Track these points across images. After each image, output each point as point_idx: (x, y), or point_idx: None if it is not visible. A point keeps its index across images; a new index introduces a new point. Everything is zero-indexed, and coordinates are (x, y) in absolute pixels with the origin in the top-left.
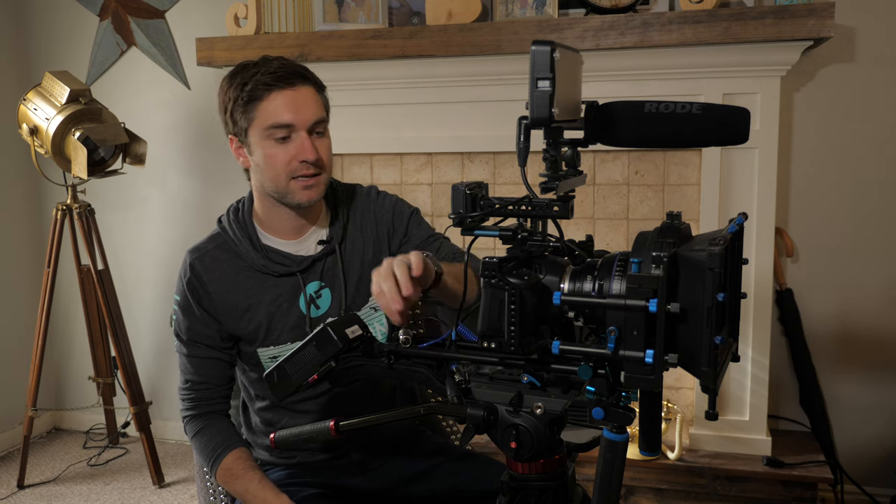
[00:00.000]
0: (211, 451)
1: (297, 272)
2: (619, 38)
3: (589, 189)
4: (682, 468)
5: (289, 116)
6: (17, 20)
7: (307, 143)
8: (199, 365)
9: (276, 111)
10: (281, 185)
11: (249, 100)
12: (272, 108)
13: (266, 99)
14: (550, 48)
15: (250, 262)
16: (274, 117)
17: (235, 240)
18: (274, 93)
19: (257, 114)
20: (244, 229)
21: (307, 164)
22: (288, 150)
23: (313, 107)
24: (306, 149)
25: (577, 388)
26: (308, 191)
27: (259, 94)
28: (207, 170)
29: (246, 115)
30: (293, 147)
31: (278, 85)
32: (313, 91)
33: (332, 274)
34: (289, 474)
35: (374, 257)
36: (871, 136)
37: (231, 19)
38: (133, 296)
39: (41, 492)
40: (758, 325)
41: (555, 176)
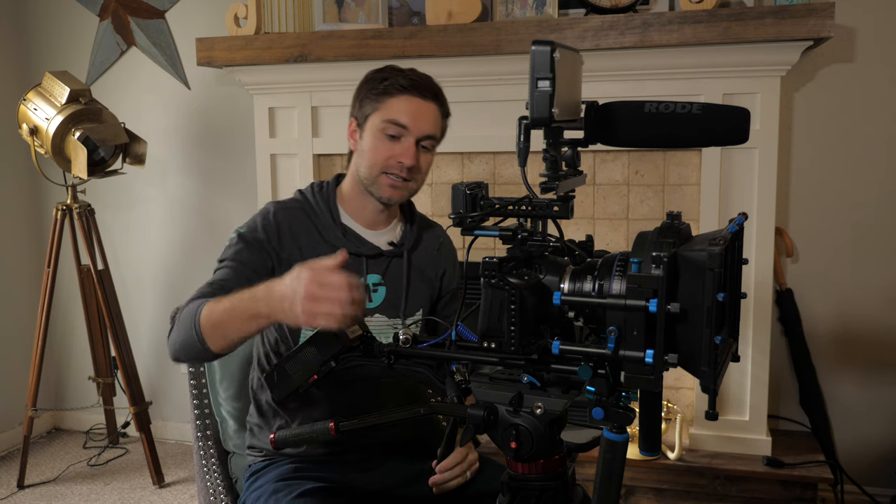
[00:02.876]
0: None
1: (365, 256)
2: (619, 38)
3: (589, 189)
4: (682, 468)
5: (406, 119)
6: (17, 20)
7: (411, 149)
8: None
9: (399, 111)
10: (373, 174)
11: (383, 92)
12: (397, 107)
13: (395, 97)
14: (550, 48)
15: (326, 233)
16: (394, 114)
17: (317, 209)
18: (405, 95)
19: (383, 107)
20: (327, 204)
21: (402, 166)
22: (393, 148)
23: (430, 122)
24: (408, 153)
25: (577, 388)
26: (393, 189)
27: (392, 92)
28: (207, 170)
29: (373, 104)
30: (398, 147)
31: (411, 91)
32: (438, 111)
33: (394, 276)
34: (294, 468)
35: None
36: (871, 136)
37: (231, 19)
38: (133, 296)
39: (41, 492)
40: (758, 325)
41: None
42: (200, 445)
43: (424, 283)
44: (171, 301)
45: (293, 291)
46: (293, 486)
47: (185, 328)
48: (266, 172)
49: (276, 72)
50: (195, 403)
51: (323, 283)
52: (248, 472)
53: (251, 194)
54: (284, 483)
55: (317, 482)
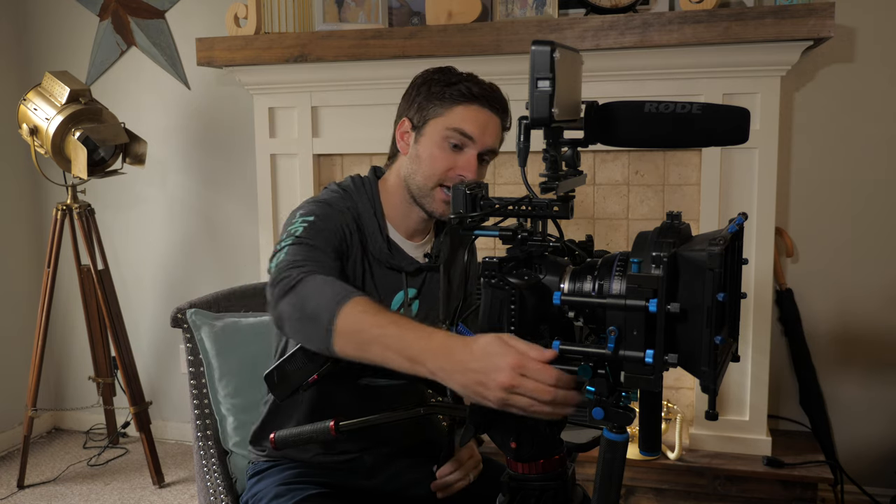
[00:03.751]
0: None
1: (405, 272)
2: (619, 38)
3: (589, 189)
4: (682, 468)
5: (474, 130)
6: (17, 20)
7: (473, 162)
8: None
9: (467, 120)
10: (429, 186)
11: (450, 98)
12: (466, 116)
13: (464, 105)
14: (550, 48)
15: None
16: (462, 124)
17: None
18: (476, 104)
19: (449, 113)
20: (374, 209)
21: (462, 179)
22: (454, 158)
23: (495, 135)
24: (470, 167)
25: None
26: (445, 206)
27: (460, 99)
28: (207, 170)
29: (438, 108)
30: (460, 159)
31: (482, 101)
32: (500, 125)
33: (429, 290)
34: (297, 473)
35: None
36: (870, 136)
37: (231, 19)
38: (133, 296)
39: (41, 492)
40: (758, 325)
41: (555, 176)
42: (200, 445)
43: (455, 295)
44: (171, 301)
45: (485, 371)
46: (296, 492)
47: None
48: (266, 172)
49: (276, 72)
50: (195, 403)
51: (530, 372)
52: (250, 469)
53: (251, 194)
54: (287, 487)
55: (319, 487)
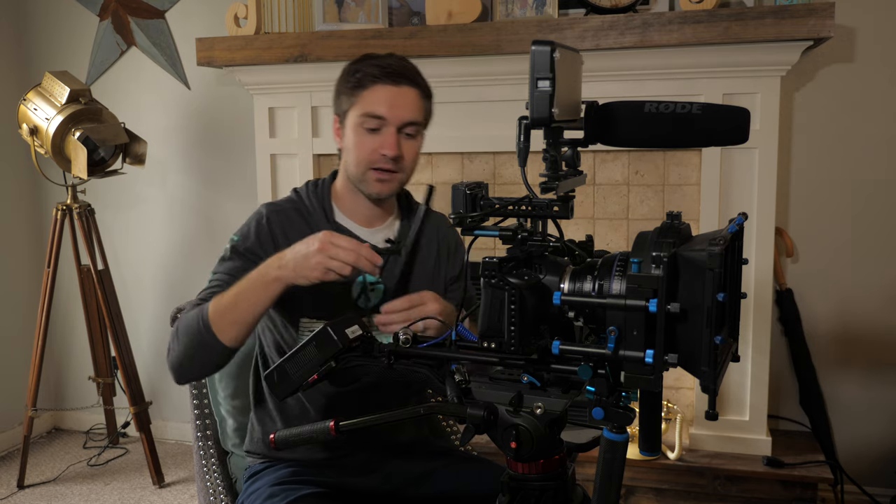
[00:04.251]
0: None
1: None
2: (619, 38)
3: (589, 189)
4: (682, 468)
5: (383, 110)
6: (17, 20)
7: (392, 138)
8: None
9: (374, 102)
10: (360, 171)
11: (356, 86)
12: (371, 99)
13: (369, 89)
14: (550, 48)
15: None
16: (370, 107)
17: (311, 208)
18: (378, 85)
19: (358, 100)
20: (321, 202)
21: (386, 158)
22: (374, 140)
23: (409, 108)
24: (389, 144)
25: (577, 388)
26: (381, 184)
27: (365, 83)
28: (207, 170)
29: (349, 98)
30: (380, 139)
31: (383, 79)
32: (416, 94)
33: (391, 274)
34: (292, 472)
35: (433, 274)
36: (870, 136)
37: (231, 19)
38: (133, 296)
39: (41, 492)
40: (758, 325)
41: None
42: (200, 445)
43: (426, 280)
44: (171, 301)
45: (306, 247)
46: (289, 492)
47: (189, 332)
48: (266, 172)
49: (276, 72)
50: (195, 403)
51: (335, 241)
52: (246, 473)
53: (251, 194)
54: (281, 487)
55: (314, 487)
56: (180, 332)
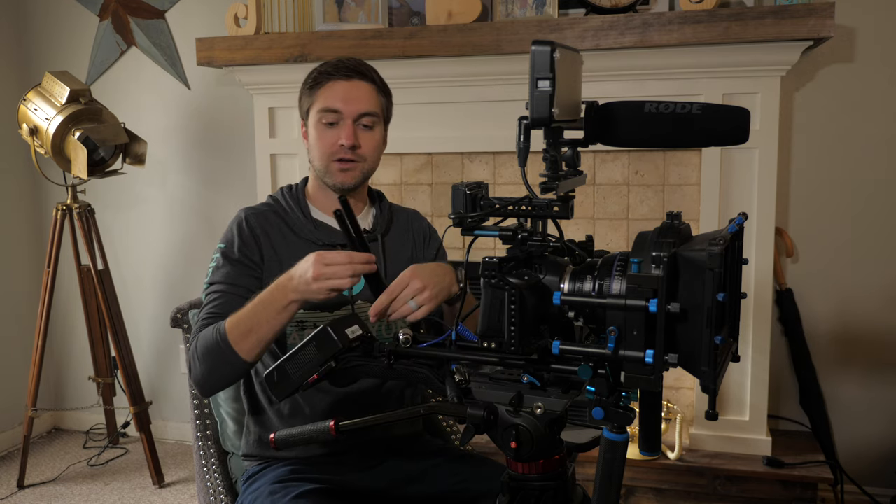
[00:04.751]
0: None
1: (339, 246)
2: (619, 38)
3: (589, 189)
4: (682, 468)
5: (338, 104)
6: (17, 20)
7: (349, 129)
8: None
9: (329, 98)
10: (323, 164)
11: (313, 85)
12: (327, 95)
13: (325, 86)
14: (550, 48)
15: (299, 229)
16: (326, 102)
17: (287, 208)
18: (332, 82)
19: (315, 98)
20: (297, 202)
21: (345, 148)
22: (333, 133)
23: (364, 100)
24: (346, 134)
25: (577, 388)
26: (343, 174)
27: (321, 81)
28: (207, 170)
29: (309, 98)
30: (338, 131)
31: (336, 76)
32: (370, 88)
33: None
34: (291, 470)
35: (410, 256)
36: (870, 136)
37: (231, 19)
38: (133, 296)
39: (41, 492)
40: (758, 325)
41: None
42: (200, 445)
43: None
44: (171, 301)
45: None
46: (290, 489)
47: (210, 352)
48: (266, 172)
49: (276, 72)
50: (195, 403)
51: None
52: (244, 475)
53: (251, 194)
54: (281, 485)
55: (314, 484)
56: (201, 353)
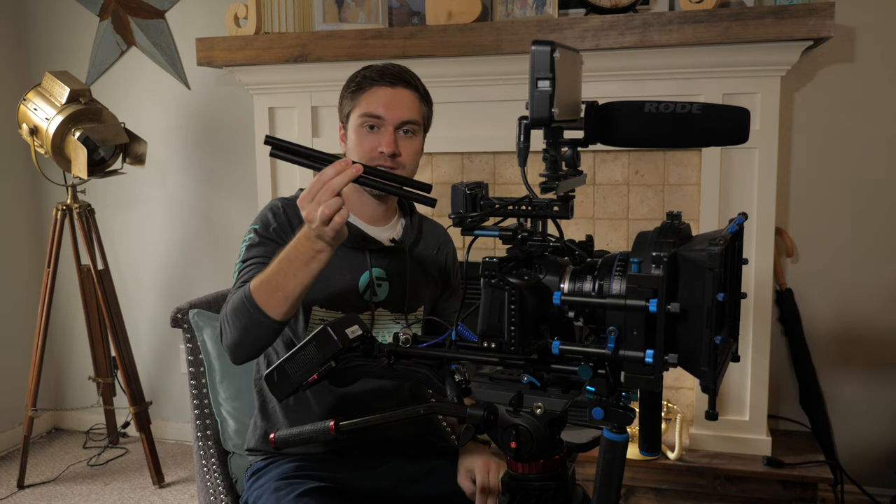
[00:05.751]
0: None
1: (368, 250)
2: (619, 38)
3: (589, 189)
4: (682, 468)
5: (381, 110)
6: (17, 20)
7: (390, 136)
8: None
9: (372, 103)
10: None
11: (356, 90)
12: (370, 100)
13: (368, 91)
14: (550, 48)
15: None
16: (368, 107)
17: None
18: (375, 87)
19: (358, 102)
20: None
21: (385, 154)
22: (374, 139)
23: (405, 108)
24: (387, 141)
25: (577, 388)
26: None
27: (364, 86)
28: (207, 170)
29: (351, 102)
30: (378, 137)
31: (381, 82)
32: (413, 96)
33: (397, 271)
34: (296, 467)
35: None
36: (870, 136)
37: (231, 19)
38: (133, 296)
39: (41, 492)
40: (758, 325)
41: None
42: (200, 445)
43: (427, 280)
44: (171, 301)
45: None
46: (295, 486)
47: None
48: (266, 172)
49: (276, 72)
50: (195, 403)
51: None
52: (249, 470)
53: (251, 194)
54: (286, 482)
55: (318, 482)
56: (230, 317)
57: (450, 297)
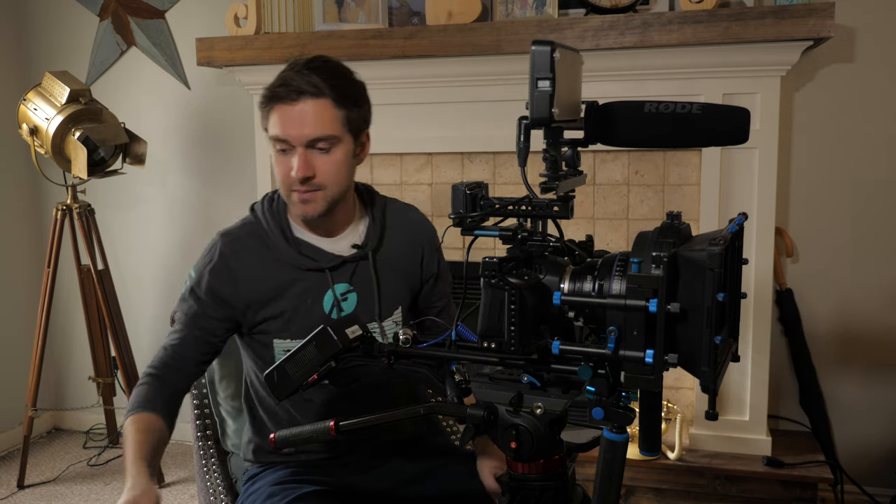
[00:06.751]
0: (132, 404)
1: (327, 269)
2: (619, 38)
3: (589, 189)
4: (682, 468)
5: (285, 131)
6: (17, 20)
7: (299, 159)
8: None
9: (277, 124)
10: (285, 194)
11: (264, 107)
12: (274, 121)
13: (273, 111)
14: (550, 48)
15: (279, 254)
16: (274, 130)
17: (268, 230)
18: (278, 106)
19: (268, 123)
20: (277, 221)
21: (296, 179)
22: (287, 162)
23: (312, 123)
24: (297, 165)
25: (577, 388)
26: (305, 205)
27: (269, 105)
28: (207, 170)
29: (264, 120)
30: (290, 161)
31: (284, 99)
32: (323, 105)
33: (362, 279)
34: (291, 472)
35: (407, 270)
36: (870, 136)
37: (231, 19)
38: (133, 296)
39: (41, 492)
40: (758, 325)
41: (555, 176)
42: (200, 445)
43: (399, 278)
44: (171, 301)
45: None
46: (289, 490)
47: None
48: (266, 172)
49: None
50: (195, 403)
51: None
52: (245, 475)
53: (251, 194)
54: (281, 487)
55: (314, 486)
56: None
57: (435, 282)
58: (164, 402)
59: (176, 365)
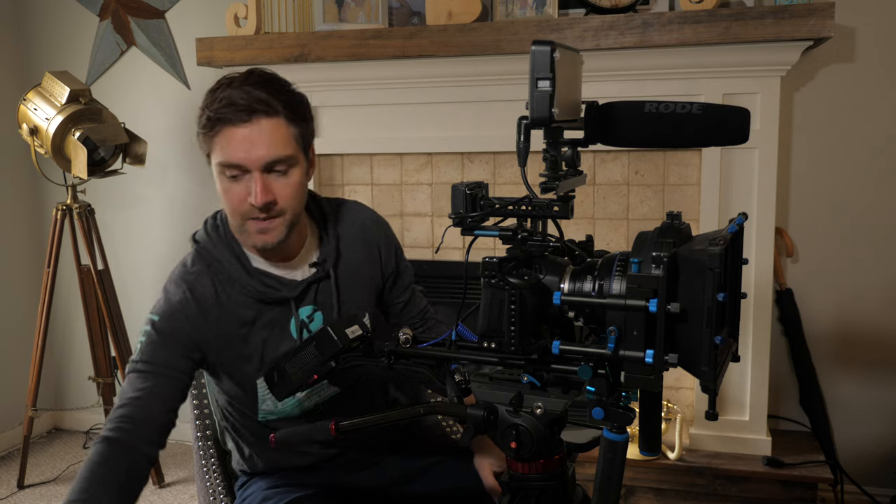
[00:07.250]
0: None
1: (291, 299)
2: (619, 38)
3: (589, 189)
4: (682, 468)
5: (239, 156)
6: (17, 20)
7: (257, 185)
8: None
9: (227, 150)
10: (237, 223)
11: (208, 130)
12: (224, 145)
13: (221, 134)
14: (550, 48)
15: (242, 287)
16: (224, 156)
17: (225, 262)
18: (227, 128)
19: (214, 146)
20: (232, 251)
21: (255, 208)
22: (241, 189)
23: (269, 144)
24: (256, 192)
25: (577, 388)
26: (263, 235)
27: (215, 127)
28: (207, 170)
29: (206, 142)
30: (245, 187)
31: (234, 120)
32: (277, 124)
33: (325, 296)
34: (284, 475)
35: (368, 274)
36: (870, 136)
37: (231, 19)
38: (133, 296)
39: (41, 492)
40: (758, 325)
41: (555, 176)
42: (200, 445)
43: (360, 284)
44: None
45: None
46: (282, 495)
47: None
48: None
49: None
50: (195, 403)
51: None
52: (239, 480)
53: None
54: (274, 491)
55: (307, 489)
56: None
57: (396, 278)
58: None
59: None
